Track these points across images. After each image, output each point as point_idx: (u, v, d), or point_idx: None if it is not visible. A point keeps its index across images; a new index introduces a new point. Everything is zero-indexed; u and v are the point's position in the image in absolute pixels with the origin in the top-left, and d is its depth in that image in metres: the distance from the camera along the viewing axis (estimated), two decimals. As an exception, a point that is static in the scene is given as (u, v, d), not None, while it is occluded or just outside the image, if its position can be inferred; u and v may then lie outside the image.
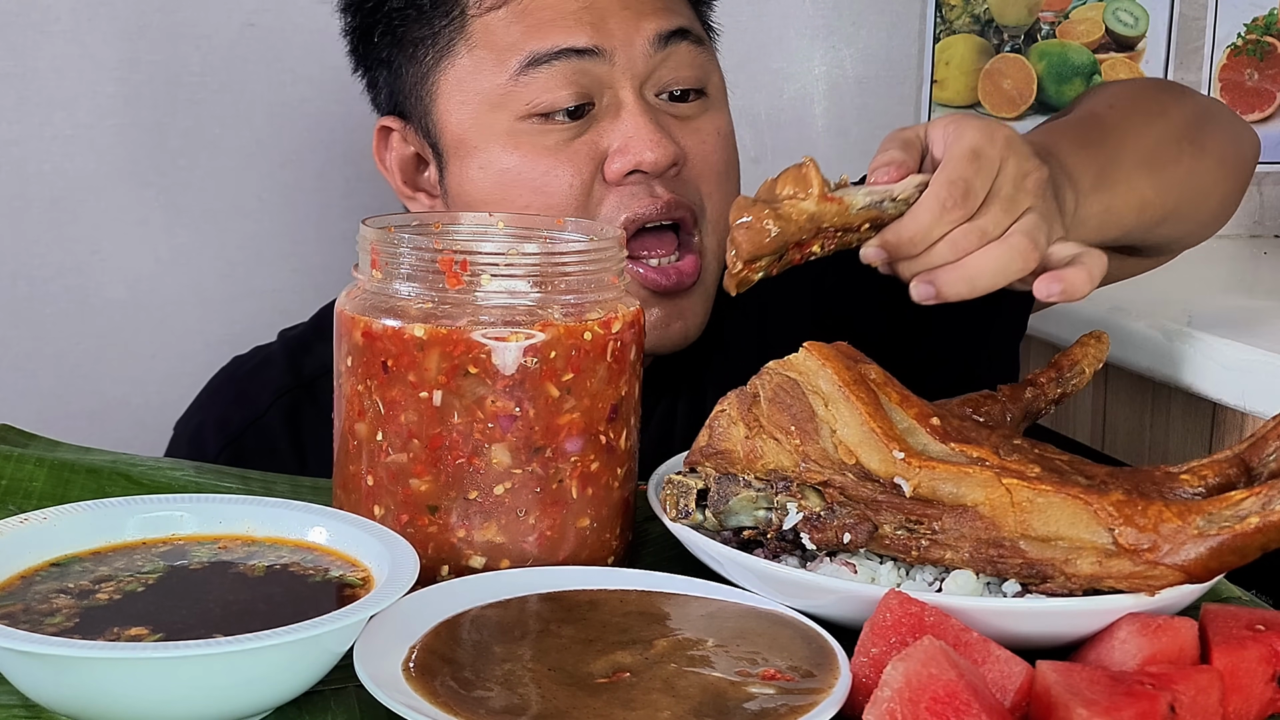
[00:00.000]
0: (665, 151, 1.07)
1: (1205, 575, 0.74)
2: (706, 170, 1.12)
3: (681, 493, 0.84)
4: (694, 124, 1.12)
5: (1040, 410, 0.96)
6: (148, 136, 1.54)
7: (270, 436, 1.19)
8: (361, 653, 0.69)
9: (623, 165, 1.07)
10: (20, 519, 0.76)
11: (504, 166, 1.09)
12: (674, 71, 1.11)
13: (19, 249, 1.52)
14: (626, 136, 1.07)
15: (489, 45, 1.09)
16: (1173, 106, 1.20)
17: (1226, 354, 1.30)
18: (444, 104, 1.12)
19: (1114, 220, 1.06)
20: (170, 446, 1.25)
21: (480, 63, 1.09)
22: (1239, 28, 1.95)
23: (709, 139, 1.13)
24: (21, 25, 1.49)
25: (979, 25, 1.88)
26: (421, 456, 0.81)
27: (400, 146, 1.18)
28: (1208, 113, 1.22)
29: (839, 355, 0.84)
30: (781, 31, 1.80)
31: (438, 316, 0.81)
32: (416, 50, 1.13)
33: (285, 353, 1.23)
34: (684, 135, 1.11)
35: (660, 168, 1.07)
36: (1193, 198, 1.16)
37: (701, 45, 1.14)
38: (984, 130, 0.92)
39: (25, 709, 0.69)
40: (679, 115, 1.12)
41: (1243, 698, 0.71)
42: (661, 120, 1.09)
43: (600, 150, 1.08)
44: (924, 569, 0.80)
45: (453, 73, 1.11)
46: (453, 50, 1.11)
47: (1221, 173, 1.20)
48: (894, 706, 0.62)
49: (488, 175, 1.10)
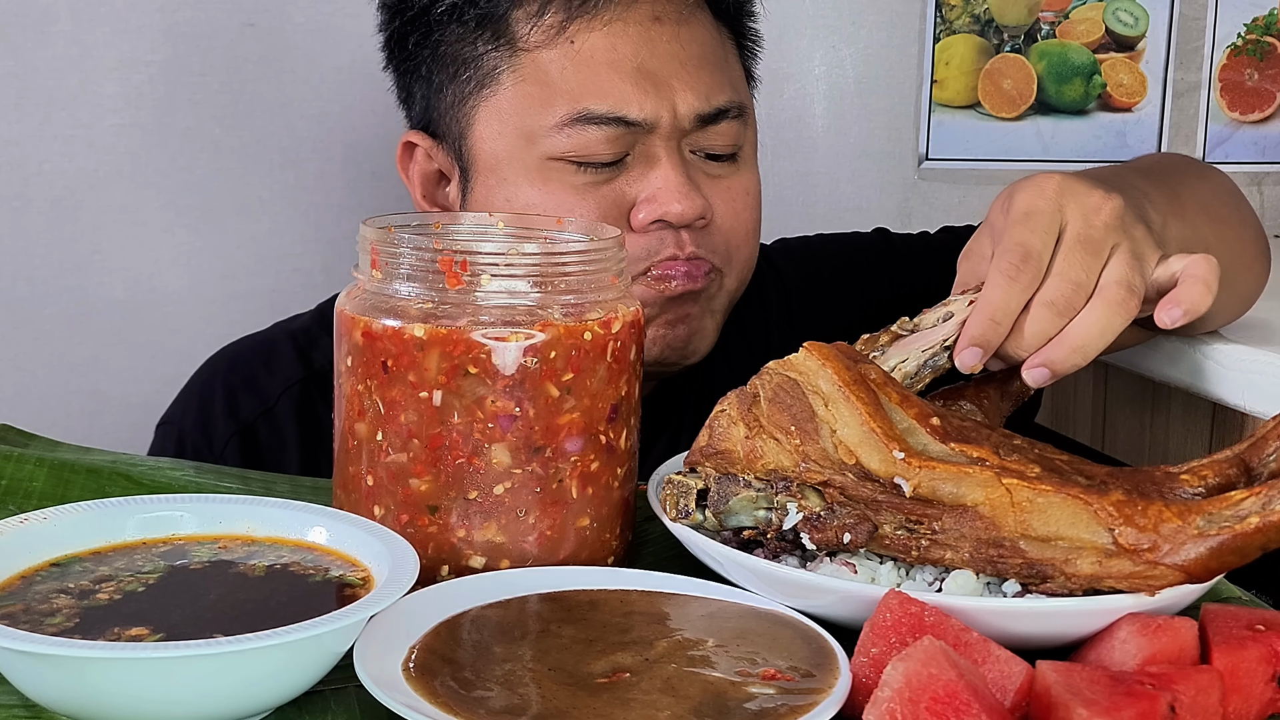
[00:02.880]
0: (693, 205, 1.08)
1: (1205, 575, 0.74)
2: (733, 229, 1.13)
3: (681, 493, 0.84)
4: (724, 183, 1.13)
5: (1017, 391, 0.95)
6: (148, 136, 1.54)
7: (281, 426, 1.19)
8: (361, 653, 0.69)
9: (649, 214, 1.08)
10: (20, 519, 0.76)
11: (529, 201, 1.09)
12: (711, 140, 1.12)
13: (19, 249, 1.52)
14: (656, 187, 1.08)
15: (538, 83, 1.09)
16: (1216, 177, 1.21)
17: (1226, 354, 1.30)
18: (481, 129, 1.12)
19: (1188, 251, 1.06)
20: (155, 442, 1.23)
21: (526, 98, 1.09)
22: (1239, 28, 1.95)
23: (738, 199, 1.14)
24: (21, 25, 1.49)
25: (979, 25, 1.88)
26: (421, 456, 0.81)
27: (424, 161, 1.18)
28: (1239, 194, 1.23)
29: (839, 355, 0.84)
30: (781, 31, 1.80)
31: (438, 316, 0.81)
32: (460, 71, 1.12)
33: (292, 344, 1.23)
34: (713, 193, 1.12)
35: (686, 219, 1.09)
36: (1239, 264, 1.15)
37: (742, 116, 1.15)
38: (1032, 187, 0.90)
39: (25, 709, 0.69)
40: (710, 173, 1.13)
41: (1243, 698, 0.71)
42: (693, 175, 1.10)
43: (628, 198, 1.09)
44: (924, 569, 0.80)
45: (494, 101, 1.11)
46: (498, 79, 1.10)
47: (1259, 248, 1.20)
48: (894, 706, 0.62)
49: (513, 206, 1.10)
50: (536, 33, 1.09)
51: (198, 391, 1.23)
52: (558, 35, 1.08)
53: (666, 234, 1.09)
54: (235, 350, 1.25)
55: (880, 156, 1.86)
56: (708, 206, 1.10)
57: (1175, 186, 1.09)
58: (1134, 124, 1.94)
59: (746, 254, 1.16)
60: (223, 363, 1.24)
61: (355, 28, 1.55)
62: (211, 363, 1.25)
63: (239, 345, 1.26)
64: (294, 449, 1.18)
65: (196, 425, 1.20)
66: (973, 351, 0.87)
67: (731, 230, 1.13)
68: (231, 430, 1.18)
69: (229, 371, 1.23)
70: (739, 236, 1.14)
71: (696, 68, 1.11)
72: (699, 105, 1.10)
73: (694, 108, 1.10)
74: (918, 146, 1.88)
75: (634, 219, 1.09)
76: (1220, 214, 1.13)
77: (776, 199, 1.81)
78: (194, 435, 1.19)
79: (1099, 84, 1.92)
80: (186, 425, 1.21)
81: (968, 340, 0.88)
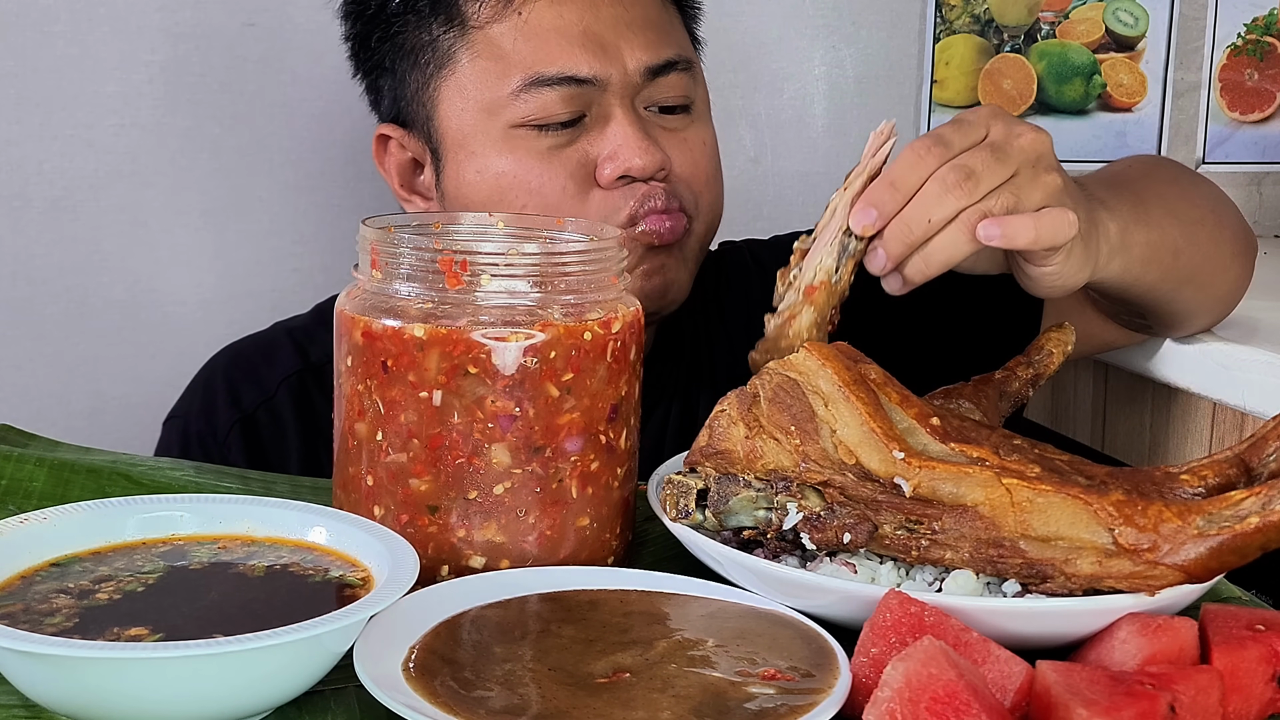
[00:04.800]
0: (653, 158, 1.12)
1: (1205, 575, 0.74)
2: (692, 177, 1.17)
3: (681, 493, 0.84)
4: (680, 135, 1.17)
5: (1016, 391, 0.97)
6: (148, 136, 1.54)
7: (281, 416, 1.23)
8: (361, 653, 0.69)
9: (613, 170, 1.12)
10: (20, 519, 0.76)
11: (499, 170, 1.13)
12: (663, 92, 1.16)
13: (19, 249, 1.52)
14: (616, 144, 1.12)
15: (492, 57, 1.13)
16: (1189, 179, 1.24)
17: (1226, 354, 1.30)
18: (445, 108, 1.16)
19: (1155, 257, 1.08)
20: (162, 438, 1.26)
21: (483, 72, 1.14)
22: (1239, 28, 1.95)
23: (695, 149, 1.18)
24: (21, 25, 1.49)
25: (979, 25, 1.88)
26: (421, 456, 0.81)
27: (398, 152, 1.22)
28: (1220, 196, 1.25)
29: (839, 355, 0.84)
30: (781, 31, 1.80)
31: (438, 316, 0.81)
32: (419, 56, 1.17)
33: (290, 340, 1.27)
34: (671, 145, 1.15)
35: (648, 172, 1.12)
36: (1214, 266, 1.19)
37: (690, 70, 1.19)
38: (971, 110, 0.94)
39: (25, 709, 0.69)
40: (666, 127, 1.16)
41: (1243, 698, 0.71)
42: (650, 129, 1.14)
43: (591, 157, 1.13)
44: (924, 569, 0.80)
45: (454, 79, 1.15)
46: (454, 57, 1.15)
47: (1237, 248, 1.23)
48: (894, 706, 0.62)
49: (484, 178, 1.14)
50: (485, 10, 1.14)
51: (202, 385, 1.27)
52: (505, 9, 1.13)
53: (633, 188, 1.13)
54: (237, 347, 1.30)
55: (880, 156, 1.86)
56: (666, 159, 1.13)
57: (1140, 192, 1.11)
58: (1134, 124, 1.94)
59: (709, 199, 1.19)
60: (224, 358, 1.28)
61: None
62: (214, 359, 1.29)
63: (240, 343, 1.30)
64: (293, 436, 1.22)
65: (201, 415, 1.24)
66: (866, 211, 0.88)
67: (692, 178, 1.16)
68: (234, 418, 1.22)
69: (230, 366, 1.27)
70: (700, 183, 1.18)
71: (641, 28, 1.15)
72: (647, 59, 1.14)
73: (642, 61, 1.14)
74: (918, 147, 1.88)
75: (599, 176, 1.13)
76: (1192, 216, 1.15)
77: (776, 199, 1.81)
78: (199, 425, 1.23)
79: (1099, 84, 1.92)
80: (191, 416, 1.25)
81: (864, 201, 0.89)
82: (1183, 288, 1.17)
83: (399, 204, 1.25)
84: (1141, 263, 1.07)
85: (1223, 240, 1.19)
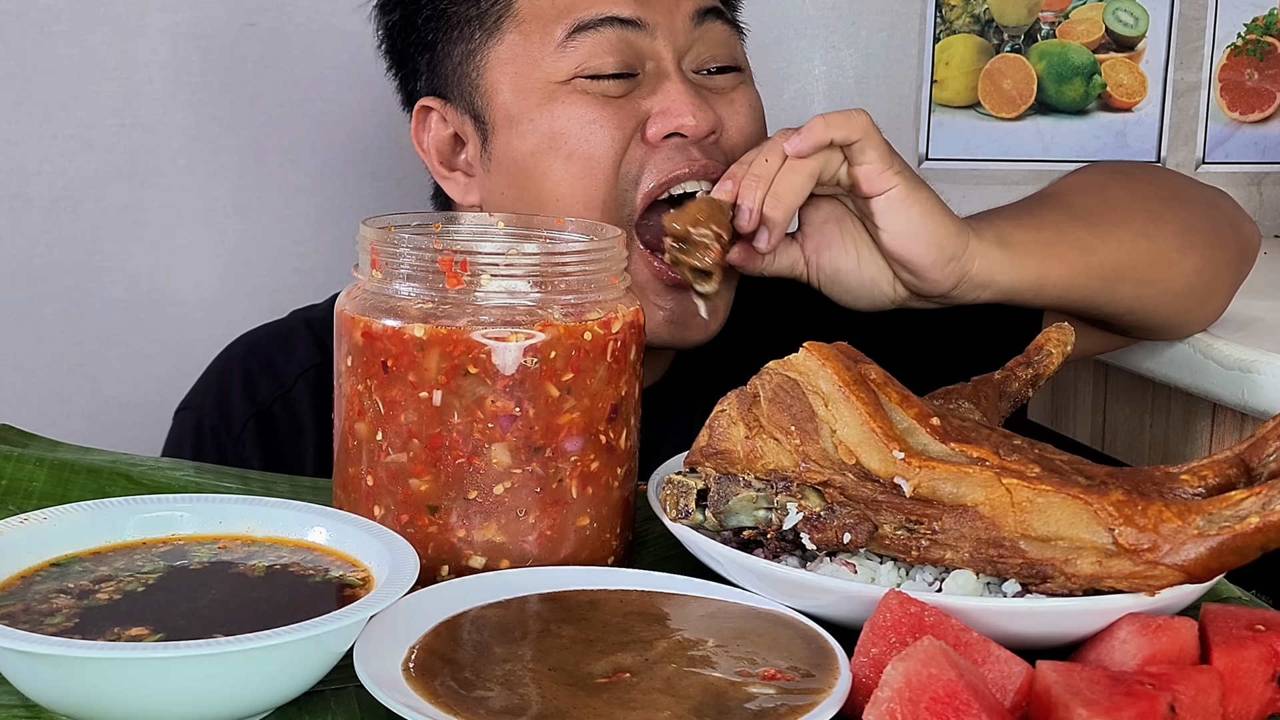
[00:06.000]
0: (706, 117, 1.11)
1: (1205, 575, 0.74)
2: (741, 140, 1.16)
3: (681, 493, 0.84)
4: (729, 96, 1.17)
5: (1016, 392, 0.97)
6: (148, 136, 1.54)
7: (297, 410, 1.20)
8: (361, 653, 0.69)
9: (663, 127, 1.11)
10: (20, 519, 0.76)
11: (549, 127, 1.12)
12: (710, 49, 1.16)
13: (19, 249, 1.52)
14: (669, 101, 1.11)
15: (536, 18, 1.13)
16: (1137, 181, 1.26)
17: (1226, 354, 1.30)
18: (493, 76, 1.15)
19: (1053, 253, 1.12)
20: (174, 428, 1.23)
21: (528, 36, 1.13)
22: (1239, 28, 1.95)
23: (743, 111, 1.17)
24: (21, 25, 1.49)
25: (979, 25, 1.88)
26: (421, 456, 0.81)
27: (439, 127, 1.20)
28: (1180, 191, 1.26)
29: (839, 355, 0.84)
30: (781, 31, 1.80)
31: (438, 316, 0.81)
32: (464, 29, 1.16)
33: (309, 331, 1.24)
34: (721, 106, 1.15)
35: (700, 133, 1.11)
36: (1152, 261, 1.19)
37: (733, 26, 1.19)
38: None
39: (25, 709, 0.69)
40: (715, 88, 1.16)
41: (1243, 698, 0.71)
42: (700, 92, 1.14)
43: (643, 112, 1.12)
44: (924, 569, 0.80)
45: (502, 48, 1.14)
46: (500, 28, 1.15)
47: (1188, 241, 1.21)
48: (894, 706, 0.62)
49: (532, 139, 1.13)
50: None
51: (216, 376, 1.24)
52: None
53: (677, 151, 1.12)
54: (253, 337, 1.26)
55: (880, 156, 1.86)
56: (718, 120, 1.13)
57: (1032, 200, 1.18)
58: (1134, 124, 1.94)
59: None
60: (241, 348, 1.25)
61: (355, 28, 1.54)
62: (230, 349, 1.26)
63: (257, 332, 1.27)
64: (310, 432, 1.19)
65: (215, 409, 1.20)
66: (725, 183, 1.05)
67: (740, 144, 1.16)
68: (249, 413, 1.19)
69: (247, 356, 1.24)
70: (747, 146, 1.15)
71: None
72: (689, 5, 1.14)
73: (685, 8, 1.14)
74: (918, 146, 1.88)
75: (649, 133, 1.12)
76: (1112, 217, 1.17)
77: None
78: (212, 419, 1.20)
79: (1099, 84, 1.92)
80: (205, 410, 1.21)
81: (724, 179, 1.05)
82: (1117, 285, 1.17)
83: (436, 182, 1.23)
84: (1041, 260, 1.10)
85: (1160, 236, 1.19)
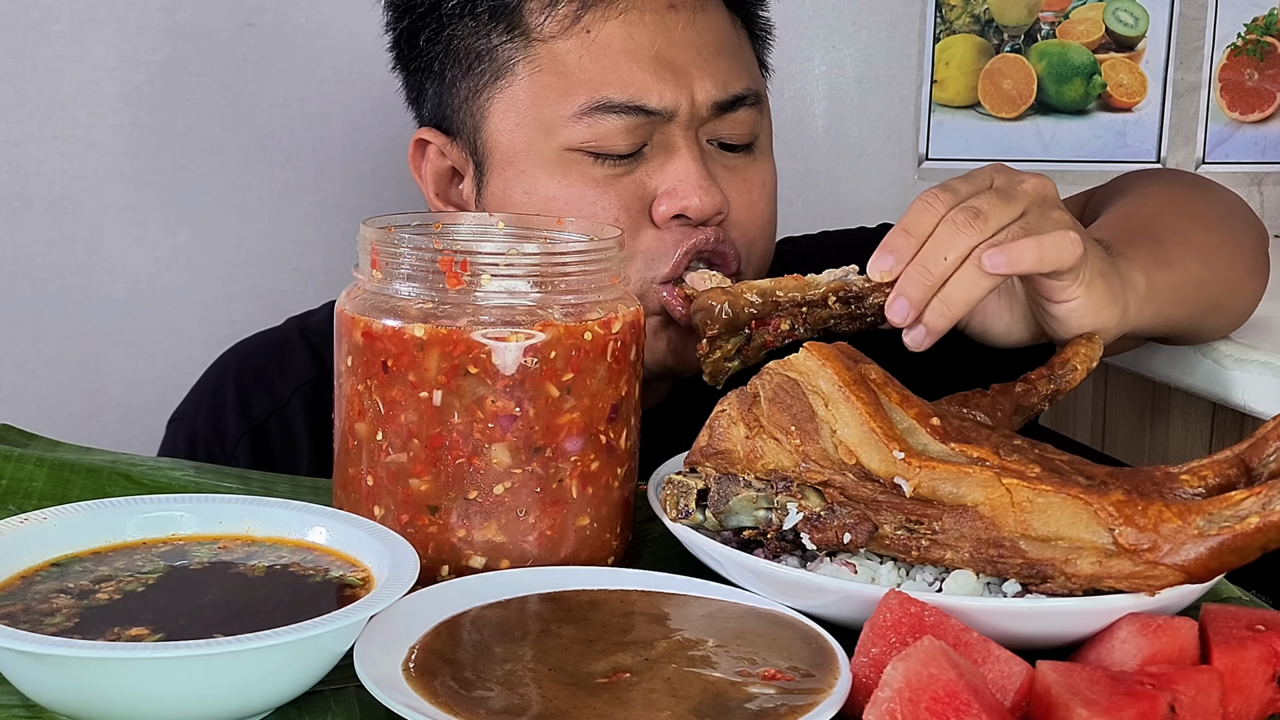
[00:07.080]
0: (712, 199, 1.07)
1: (1205, 575, 0.74)
2: (749, 221, 1.13)
3: (681, 493, 0.84)
4: (741, 174, 1.13)
5: (1033, 406, 0.96)
6: (148, 136, 1.54)
7: (292, 427, 1.18)
8: (361, 653, 0.69)
9: (669, 208, 1.07)
10: (20, 519, 0.76)
11: (549, 194, 1.08)
12: (728, 129, 1.12)
13: (19, 249, 1.52)
14: (676, 180, 1.07)
15: (554, 73, 1.08)
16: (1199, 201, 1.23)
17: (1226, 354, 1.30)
18: (496, 122, 1.11)
19: (1181, 297, 1.09)
20: (167, 439, 1.22)
21: (542, 89, 1.09)
22: (1239, 28, 1.95)
23: (754, 190, 1.13)
24: (21, 25, 1.49)
25: (979, 25, 1.88)
26: (421, 456, 0.81)
27: (436, 159, 1.17)
28: (1232, 208, 1.25)
29: (839, 355, 0.84)
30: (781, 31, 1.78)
31: (438, 316, 0.81)
32: (473, 64, 1.12)
33: (305, 342, 1.22)
34: (730, 185, 1.11)
35: (705, 215, 1.08)
36: (1233, 289, 1.20)
37: (758, 105, 1.14)
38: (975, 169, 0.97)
39: (25, 709, 0.69)
40: (727, 165, 1.12)
41: (1243, 698, 0.71)
42: (711, 167, 1.10)
43: (648, 190, 1.08)
44: (924, 569, 0.80)
45: (510, 91, 1.10)
46: (513, 70, 1.10)
47: (1255, 267, 1.23)
48: (894, 706, 0.62)
49: (532, 199, 1.09)
50: (551, 23, 1.08)
51: (210, 389, 1.22)
52: (573, 25, 1.08)
53: (687, 230, 1.08)
54: (248, 347, 1.25)
55: (880, 156, 1.86)
56: (725, 201, 1.09)
57: (1154, 232, 1.11)
58: (1134, 124, 1.94)
59: (763, 247, 1.15)
60: (235, 360, 1.23)
61: (355, 28, 1.55)
62: (224, 360, 1.24)
63: (252, 342, 1.25)
64: (305, 449, 1.18)
65: (208, 424, 1.19)
66: (883, 257, 0.93)
67: (748, 223, 1.12)
68: (243, 430, 1.17)
69: (241, 370, 1.22)
70: (755, 229, 1.13)
71: (714, 55, 1.10)
72: (716, 93, 1.09)
73: (711, 95, 1.09)
74: (918, 146, 1.88)
75: (655, 213, 1.08)
76: (1210, 244, 1.15)
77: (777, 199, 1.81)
78: (205, 433, 1.19)
79: (1099, 84, 1.92)
80: (198, 424, 1.20)
81: (880, 249, 0.93)
82: (1206, 316, 1.18)
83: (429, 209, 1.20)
84: (1170, 305, 1.07)
85: (1240, 261, 1.19)
